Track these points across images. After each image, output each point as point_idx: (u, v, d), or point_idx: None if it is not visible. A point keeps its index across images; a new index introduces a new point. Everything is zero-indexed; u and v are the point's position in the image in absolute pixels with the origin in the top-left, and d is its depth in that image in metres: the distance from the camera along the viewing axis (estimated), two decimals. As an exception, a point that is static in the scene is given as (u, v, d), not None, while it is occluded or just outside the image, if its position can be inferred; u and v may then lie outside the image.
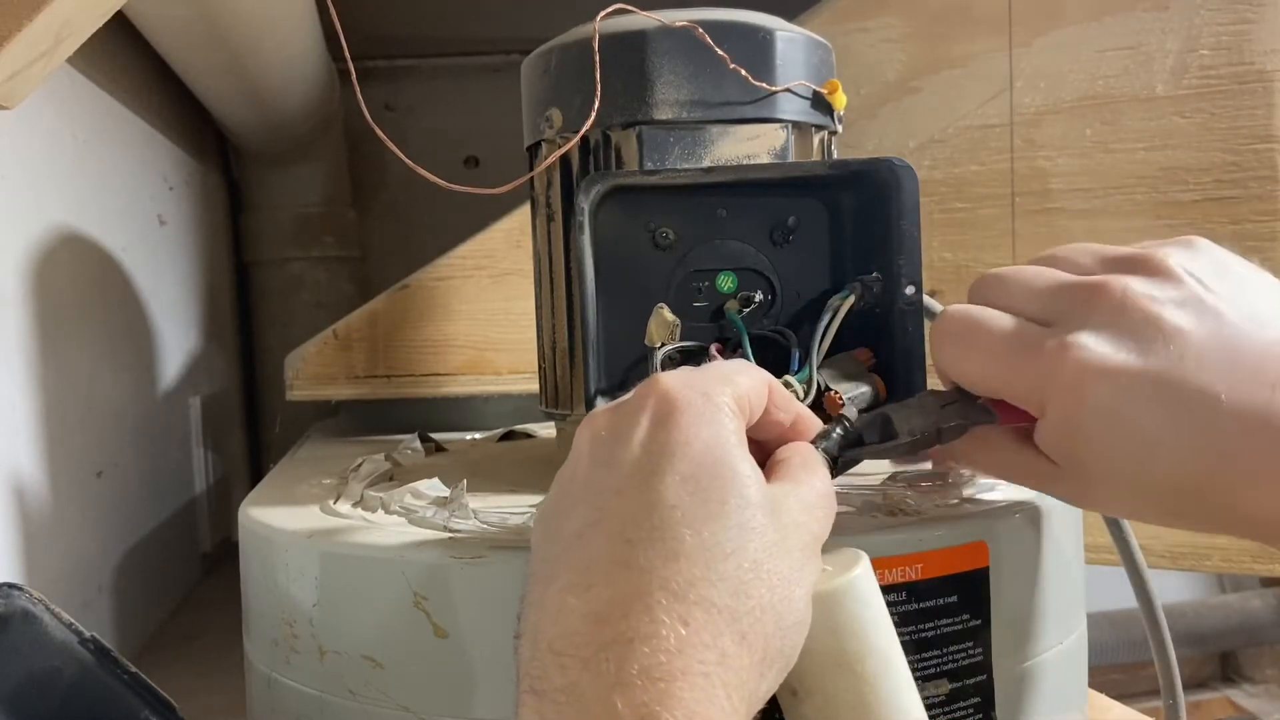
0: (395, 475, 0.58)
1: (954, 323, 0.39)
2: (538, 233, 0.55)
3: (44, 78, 0.49)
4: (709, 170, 0.47)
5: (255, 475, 1.27)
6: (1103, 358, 0.35)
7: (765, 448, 0.37)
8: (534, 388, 0.57)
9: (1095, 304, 0.36)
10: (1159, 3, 0.75)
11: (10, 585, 0.40)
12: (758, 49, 0.49)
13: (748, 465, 0.32)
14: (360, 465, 0.58)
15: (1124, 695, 0.74)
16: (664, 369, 0.45)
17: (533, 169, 0.53)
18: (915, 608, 0.41)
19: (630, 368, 0.47)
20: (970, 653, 0.42)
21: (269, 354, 1.28)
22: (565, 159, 0.51)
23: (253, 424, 1.32)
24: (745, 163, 0.49)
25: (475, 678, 0.40)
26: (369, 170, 1.38)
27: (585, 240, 0.44)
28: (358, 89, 0.51)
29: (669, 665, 0.28)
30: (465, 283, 0.79)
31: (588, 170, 0.51)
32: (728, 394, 0.34)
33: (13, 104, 0.49)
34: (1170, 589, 1.75)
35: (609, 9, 0.49)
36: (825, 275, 0.48)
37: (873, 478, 0.50)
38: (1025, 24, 0.77)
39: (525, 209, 0.63)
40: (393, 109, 1.40)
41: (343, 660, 0.43)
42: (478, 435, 0.75)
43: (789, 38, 0.50)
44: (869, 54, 0.78)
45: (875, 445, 0.39)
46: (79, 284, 0.77)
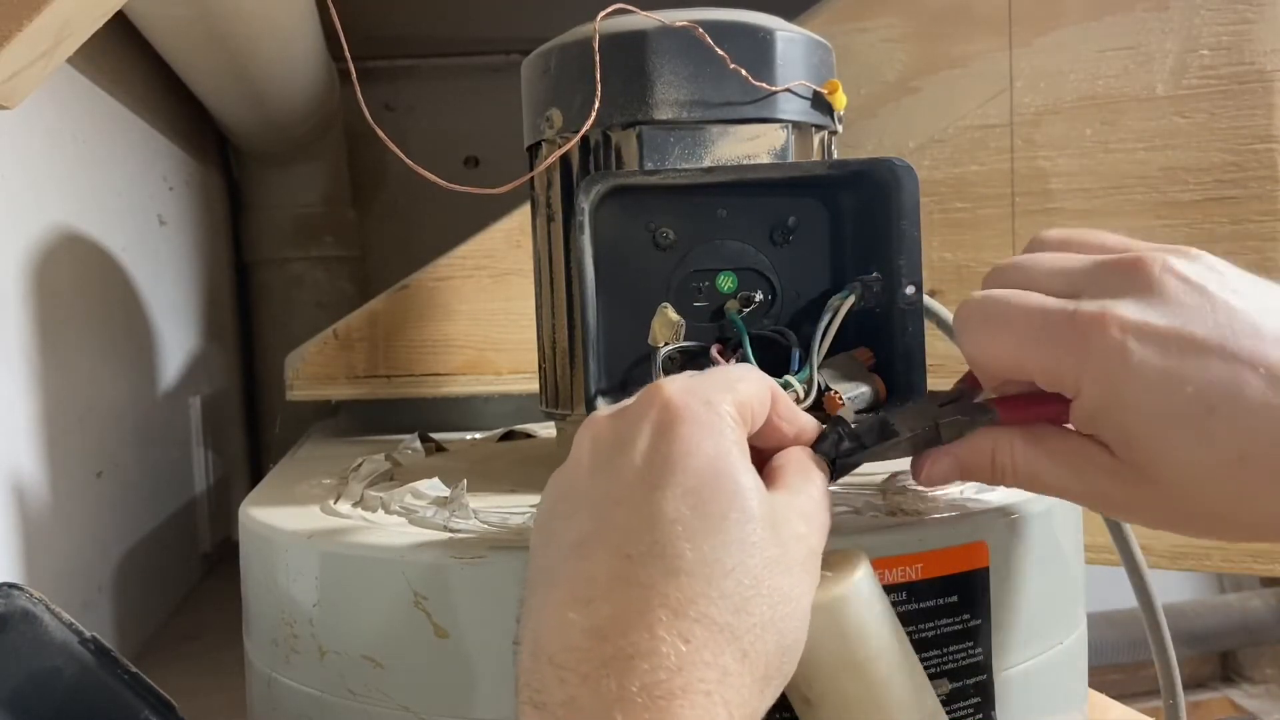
0: (395, 475, 0.58)
1: (979, 306, 0.37)
2: (538, 233, 0.55)
3: (44, 78, 0.49)
4: (709, 170, 0.47)
5: (255, 475, 1.27)
6: (1144, 319, 0.33)
7: (765, 453, 0.37)
8: (534, 388, 0.57)
9: (1134, 276, 0.34)
10: (1159, 3, 0.75)
11: (10, 585, 0.40)
12: (758, 49, 0.49)
13: (749, 478, 0.32)
14: (360, 465, 0.58)
15: (1124, 695, 0.75)
16: (665, 369, 0.45)
17: (533, 169, 0.53)
18: (915, 608, 0.41)
19: (630, 368, 0.47)
20: (970, 653, 0.42)
21: (269, 354, 1.28)
22: (565, 159, 0.51)
23: (253, 424, 1.32)
24: (745, 163, 0.49)
25: (475, 678, 0.40)
26: (369, 170, 1.38)
27: (585, 240, 0.44)
28: (358, 89, 0.51)
29: (670, 683, 0.28)
30: (465, 283, 0.79)
31: (588, 170, 0.51)
32: (730, 402, 0.34)
33: (13, 104, 0.49)
34: (1170, 589, 1.75)
35: (609, 9, 0.49)
36: (825, 275, 0.48)
37: (873, 478, 0.50)
38: (1025, 24, 0.77)
39: (525, 209, 0.63)
40: (393, 109, 1.40)
41: (343, 660, 0.43)
42: (478, 435, 0.75)
43: (789, 38, 0.50)
44: (869, 54, 0.78)
45: (874, 446, 0.38)
46: (79, 284, 0.77)
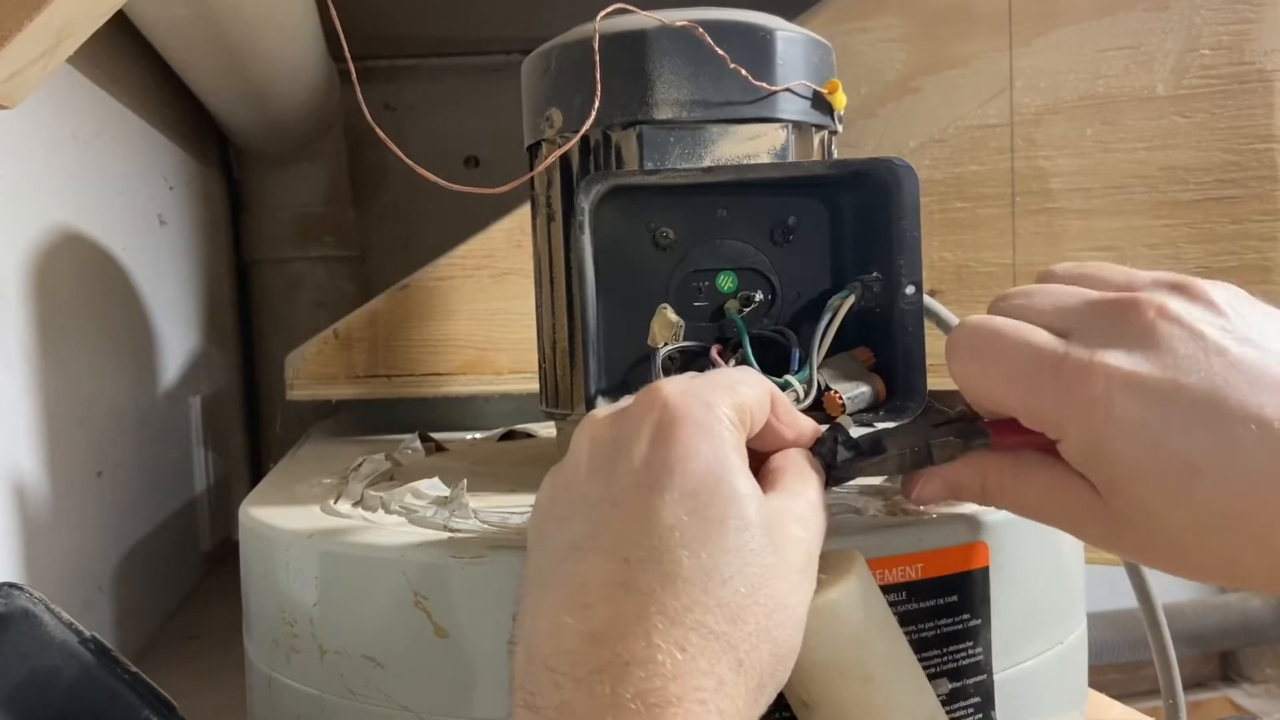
0: (395, 475, 0.58)
1: (970, 334, 0.36)
2: (538, 233, 0.55)
3: (44, 78, 0.49)
4: (709, 170, 0.47)
5: (255, 475, 1.27)
6: (1133, 370, 0.32)
7: (762, 454, 0.37)
8: (534, 388, 0.57)
9: (1126, 319, 0.33)
10: (1159, 3, 0.75)
11: (10, 585, 0.40)
12: (758, 49, 0.49)
13: (747, 483, 0.32)
14: (360, 465, 0.58)
15: (1124, 695, 0.74)
16: (664, 370, 0.45)
17: (533, 169, 0.53)
18: (915, 608, 0.41)
19: (630, 368, 0.47)
20: (970, 653, 0.42)
21: (269, 354, 1.28)
22: (565, 159, 0.51)
23: (253, 424, 1.32)
24: (745, 163, 0.49)
25: (475, 678, 0.40)
26: (369, 170, 1.38)
27: (585, 240, 0.44)
28: (358, 89, 0.51)
29: (665, 690, 0.28)
30: (465, 282, 0.79)
31: (588, 170, 0.51)
32: (730, 405, 0.34)
33: (13, 104, 0.49)
34: (1170, 589, 1.75)
35: (609, 9, 0.49)
36: (825, 275, 0.48)
37: (872, 479, 0.50)
38: (1025, 24, 0.77)
39: (525, 209, 0.63)
40: (393, 109, 1.40)
41: (343, 660, 0.43)
42: (478, 435, 0.75)
43: (789, 38, 0.50)
44: (869, 54, 0.78)
45: (867, 459, 0.38)
46: (79, 284, 0.77)
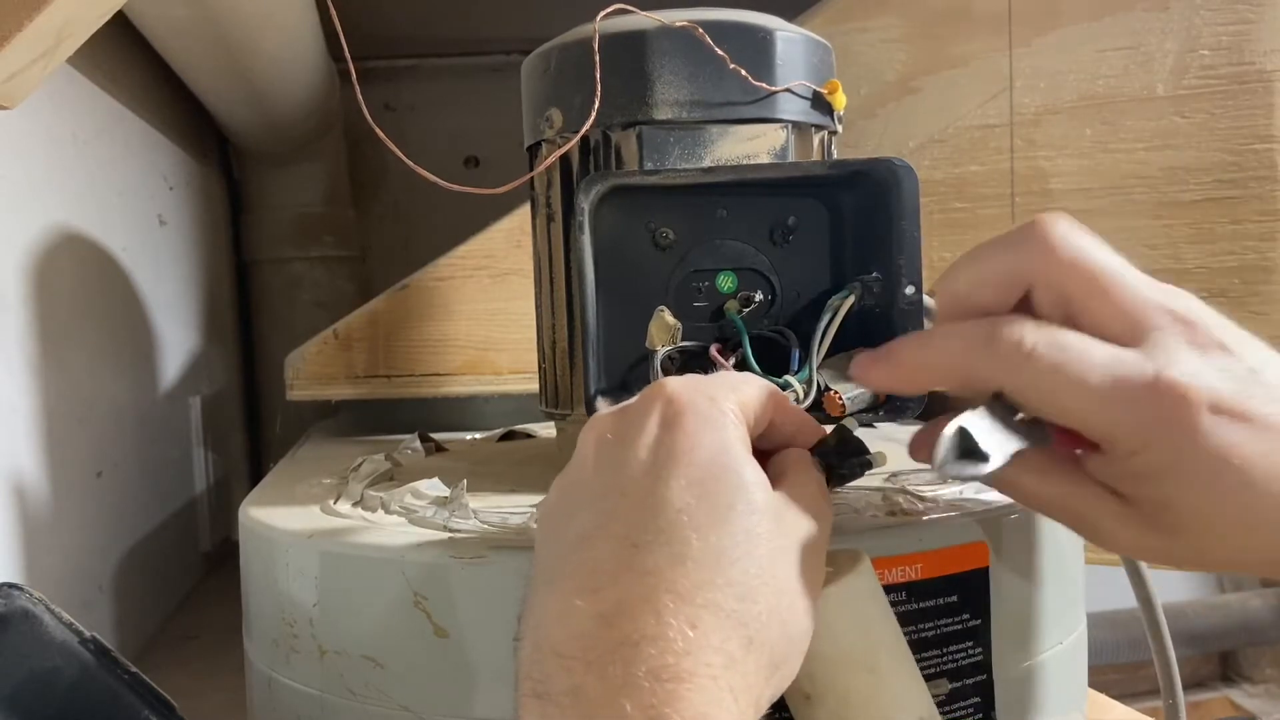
0: (395, 475, 0.58)
1: (1053, 343, 0.34)
2: (538, 233, 0.55)
3: (44, 78, 0.49)
4: (709, 170, 0.47)
5: (255, 475, 1.27)
6: (1219, 392, 0.32)
7: (766, 455, 0.37)
8: (534, 388, 0.57)
9: (1193, 332, 0.33)
10: (1159, 3, 0.75)
11: (10, 585, 0.40)
12: (758, 49, 0.49)
13: (753, 471, 0.32)
14: (360, 465, 0.58)
15: (1124, 695, 0.74)
16: (664, 370, 0.45)
17: (533, 169, 0.53)
18: (915, 608, 0.41)
19: (630, 368, 0.47)
20: (970, 653, 0.42)
21: (269, 354, 1.28)
22: (565, 159, 0.51)
23: (253, 424, 1.32)
24: (745, 163, 0.49)
25: (475, 678, 0.40)
26: (369, 170, 1.38)
27: (585, 240, 0.44)
28: (358, 89, 0.51)
29: (677, 666, 0.28)
30: (465, 283, 0.79)
31: (588, 170, 0.51)
32: (733, 400, 0.34)
33: (13, 104, 0.49)
34: (1170, 589, 1.75)
35: (609, 9, 0.49)
36: (825, 275, 0.48)
37: (873, 478, 0.50)
38: (1025, 24, 0.77)
39: (525, 209, 0.63)
40: (393, 109, 1.40)
41: (343, 660, 0.43)
42: (478, 435, 0.75)
43: (789, 38, 0.50)
44: (869, 54, 0.78)
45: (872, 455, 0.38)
46: (79, 284, 0.77)
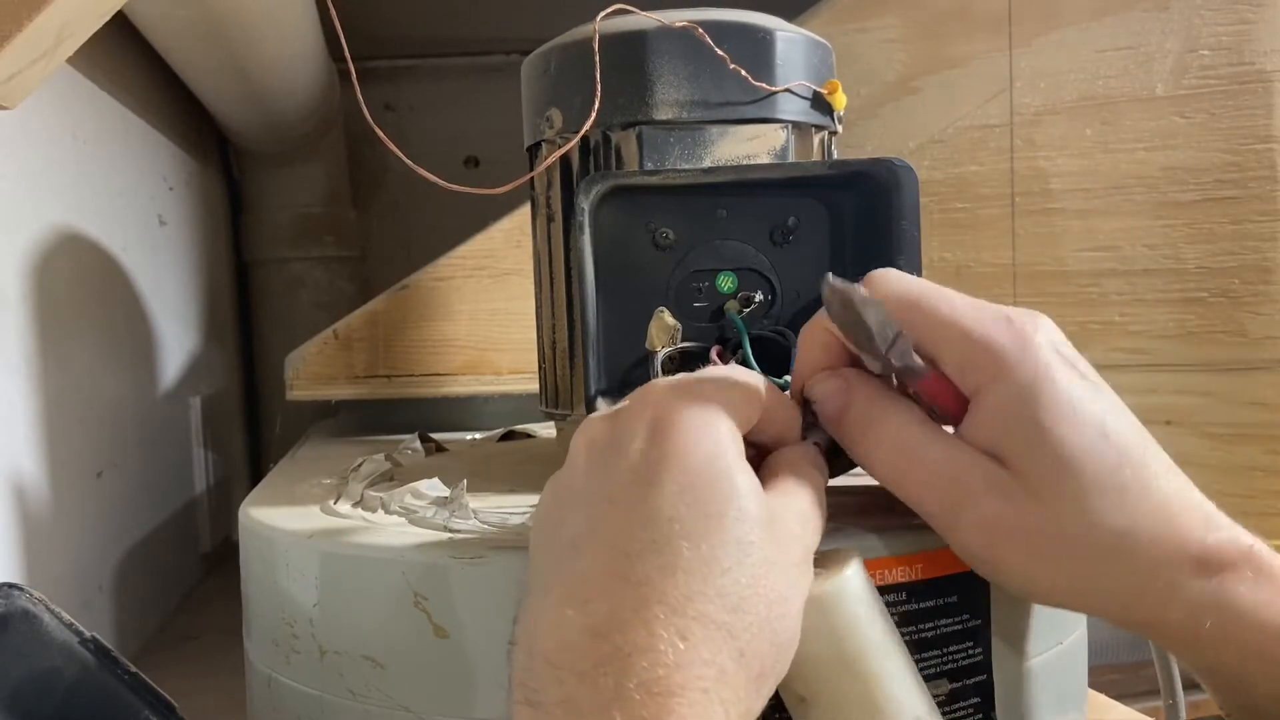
0: (395, 475, 0.58)
1: (912, 280, 0.37)
2: (538, 233, 0.55)
3: (44, 78, 0.49)
4: (709, 170, 0.47)
5: (255, 475, 1.27)
6: (1060, 345, 0.35)
7: (760, 449, 0.37)
8: (534, 388, 0.57)
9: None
10: (1159, 3, 0.75)
11: (10, 585, 0.40)
12: (758, 49, 0.49)
13: (745, 477, 0.32)
14: (360, 465, 0.58)
15: (1124, 695, 0.74)
16: (664, 370, 0.45)
17: (533, 169, 0.53)
18: (915, 608, 0.41)
19: (630, 368, 0.47)
20: (970, 653, 0.42)
21: (269, 354, 1.28)
22: (565, 159, 0.51)
23: (253, 424, 1.32)
24: (745, 163, 0.49)
25: (475, 678, 0.40)
26: (369, 170, 1.38)
27: (585, 240, 0.44)
28: (358, 89, 0.51)
29: (668, 679, 0.28)
30: (465, 283, 0.79)
31: (588, 170, 0.51)
32: (725, 401, 0.34)
33: (13, 104, 0.49)
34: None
35: (609, 9, 0.49)
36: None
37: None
38: (1025, 24, 0.77)
39: (525, 209, 0.63)
40: (393, 109, 1.40)
41: (343, 660, 0.43)
42: (478, 435, 0.75)
43: (789, 38, 0.50)
44: (869, 54, 0.78)
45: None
46: (79, 284, 0.77)
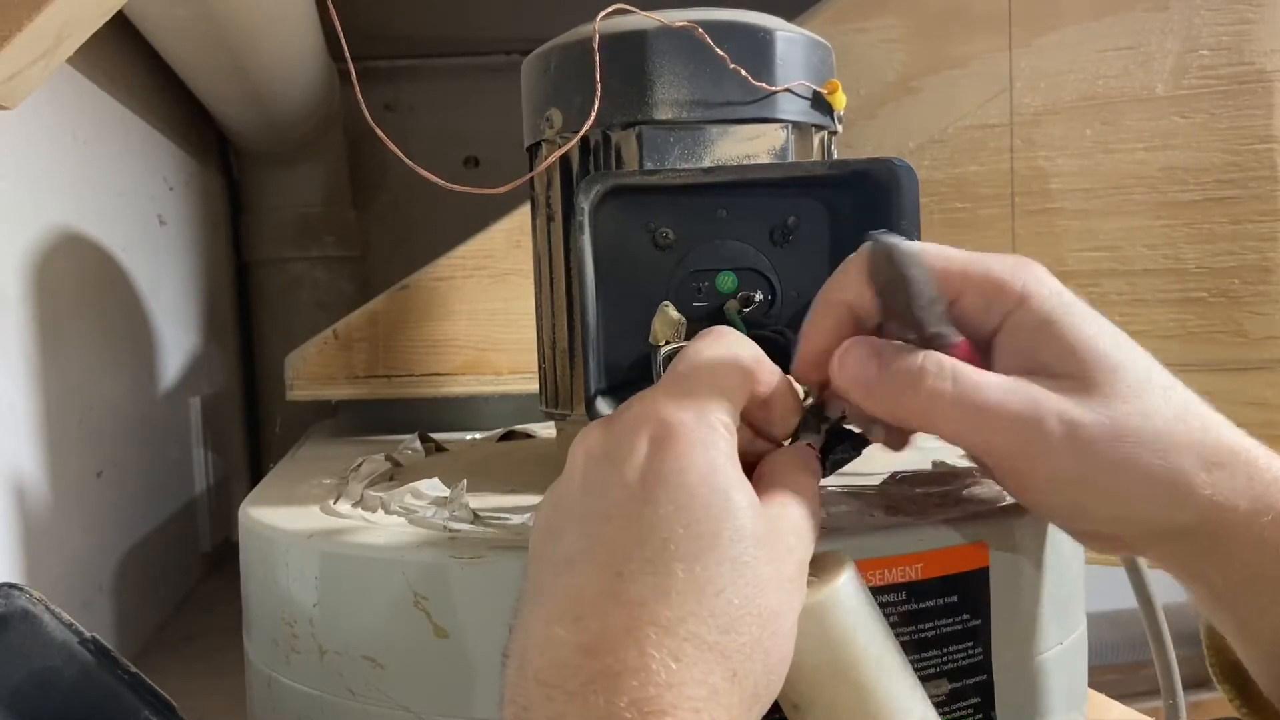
0: (395, 475, 0.58)
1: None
2: (538, 233, 0.55)
3: (44, 78, 0.49)
4: (709, 170, 0.47)
5: (255, 475, 1.27)
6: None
7: (755, 431, 0.37)
8: (534, 388, 0.57)
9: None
10: (1159, 3, 0.75)
11: (10, 585, 0.40)
12: (758, 49, 0.49)
13: (742, 494, 0.32)
14: (360, 465, 0.58)
15: (1124, 695, 0.74)
16: (665, 369, 0.45)
17: (533, 169, 0.53)
18: (915, 608, 0.41)
19: (630, 368, 0.47)
20: (970, 653, 0.42)
21: (269, 354, 1.28)
22: (565, 159, 0.51)
23: (253, 424, 1.32)
24: (745, 163, 0.49)
25: (475, 678, 0.40)
26: (369, 170, 1.38)
27: (585, 240, 0.44)
28: (358, 89, 0.51)
29: (659, 699, 0.28)
30: (465, 283, 0.79)
31: (588, 170, 0.51)
32: (724, 410, 0.33)
33: (13, 104, 0.49)
34: (1170, 589, 1.75)
35: (609, 9, 0.49)
36: (825, 275, 0.48)
37: (872, 478, 0.50)
38: (1025, 24, 0.77)
39: (525, 209, 0.63)
40: (393, 109, 1.40)
41: (343, 660, 0.43)
42: (478, 435, 0.75)
43: (789, 38, 0.50)
44: (869, 54, 0.78)
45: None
46: (79, 284, 0.77)
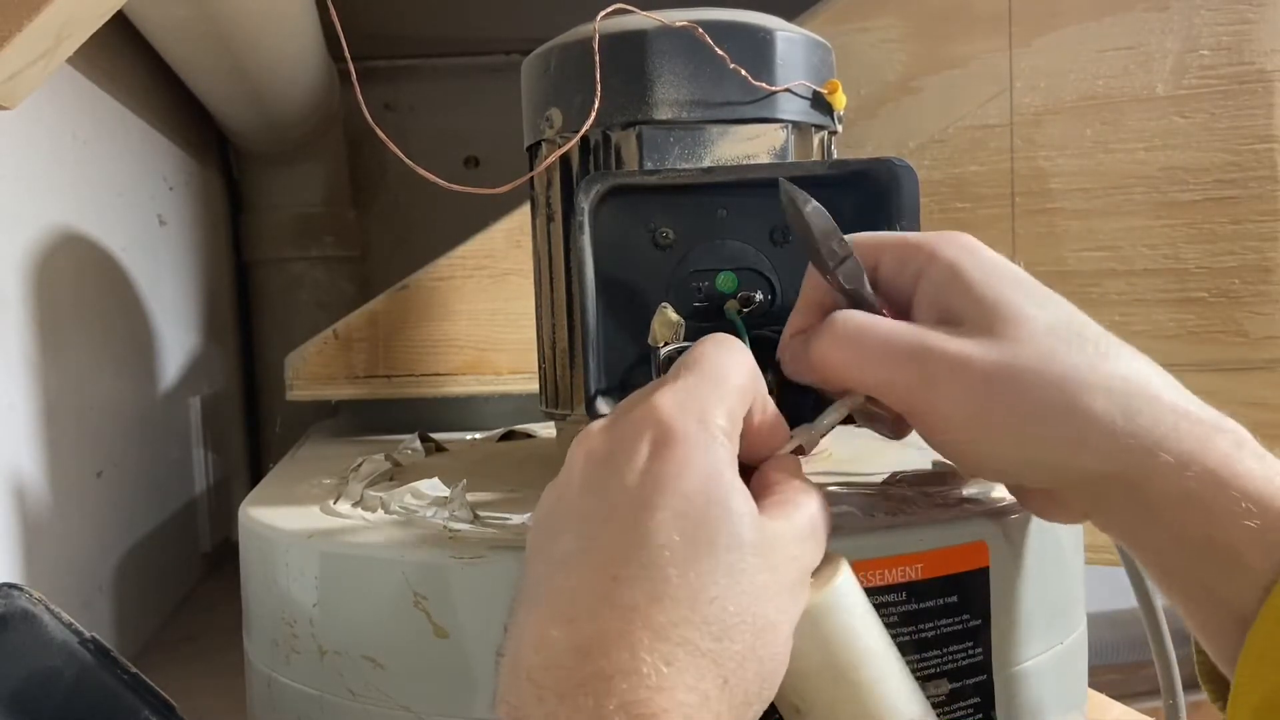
0: (395, 475, 0.58)
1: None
2: (538, 233, 0.55)
3: (44, 78, 0.49)
4: (709, 170, 0.47)
5: (255, 475, 1.27)
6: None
7: (750, 449, 0.36)
8: (534, 388, 0.57)
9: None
10: (1159, 3, 0.75)
11: (10, 585, 0.40)
12: (758, 49, 0.49)
13: (741, 501, 0.32)
14: (360, 465, 0.58)
15: (1124, 695, 0.74)
16: (665, 369, 0.45)
17: (533, 169, 0.53)
18: (915, 608, 0.41)
19: (630, 368, 0.47)
20: (970, 653, 0.42)
21: (269, 354, 1.28)
22: (565, 159, 0.51)
23: (253, 424, 1.32)
24: (745, 163, 0.49)
25: (475, 678, 0.40)
26: (369, 170, 1.38)
27: (585, 240, 0.44)
28: (358, 89, 0.51)
29: (650, 702, 0.28)
30: (465, 283, 0.79)
31: (588, 170, 0.51)
32: (724, 415, 0.33)
33: (13, 104, 0.49)
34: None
35: (609, 9, 0.49)
36: (825, 275, 0.48)
37: (873, 478, 0.50)
38: (1025, 24, 0.77)
39: (525, 209, 0.63)
40: (393, 109, 1.40)
41: (343, 660, 0.43)
42: (478, 435, 0.75)
43: (789, 38, 0.50)
44: (869, 54, 0.78)
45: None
46: (79, 284, 0.77)
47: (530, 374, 0.74)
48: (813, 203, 0.39)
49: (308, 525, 0.47)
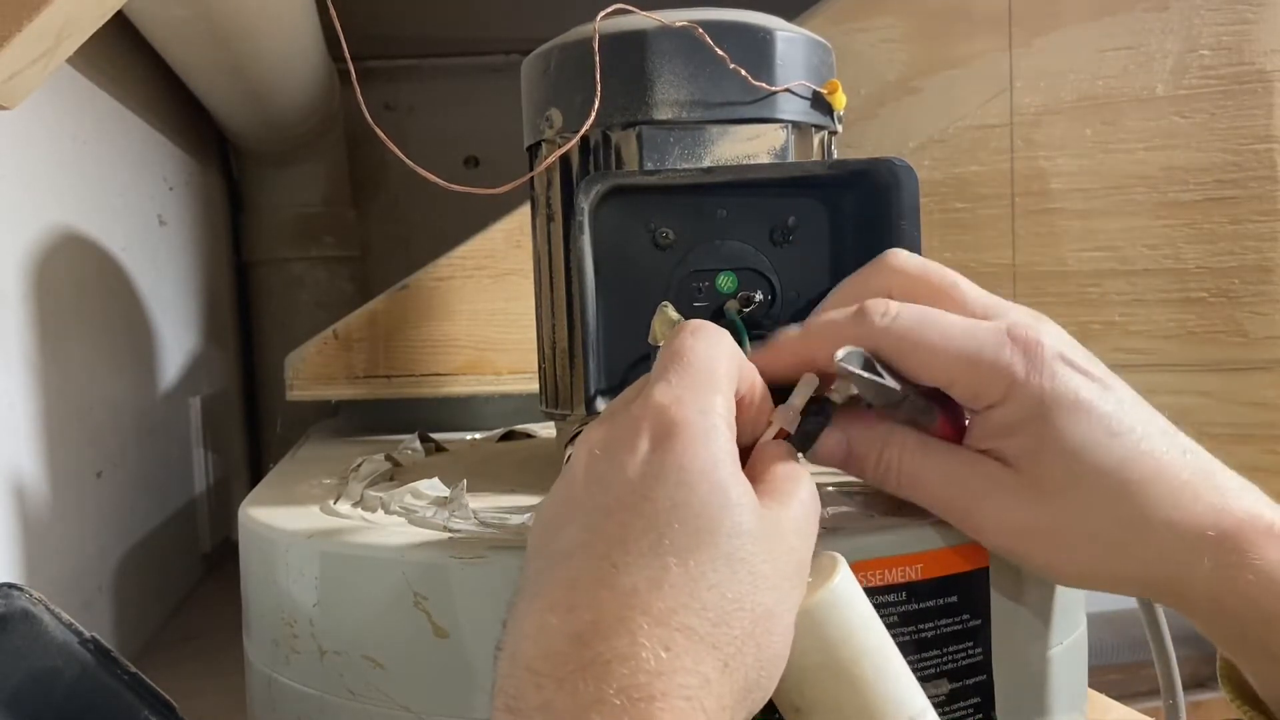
0: (395, 475, 0.58)
1: (915, 315, 0.38)
2: (538, 233, 0.55)
3: (44, 78, 0.49)
4: (709, 170, 0.47)
5: (255, 475, 1.27)
6: (1065, 349, 0.37)
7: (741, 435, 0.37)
8: (534, 388, 0.57)
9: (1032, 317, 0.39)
10: (1159, 3, 0.75)
11: (10, 585, 0.40)
12: (758, 49, 0.49)
13: (741, 490, 0.32)
14: (360, 465, 0.58)
15: (1124, 695, 0.74)
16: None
17: (533, 169, 0.53)
18: (915, 608, 0.41)
19: (630, 368, 0.47)
20: (970, 653, 0.42)
21: (269, 354, 1.28)
22: (565, 159, 0.51)
23: (253, 424, 1.32)
24: (745, 163, 0.49)
25: (475, 678, 0.40)
26: (369, 170, 1.38)
27: (585, 240, 0.44)
28: (358, 89, 0.51)
29: (650, 686, 0.28)
30: (465, 283, 0.79)
31: (588, 170, 0.51)
32: (724, 406, 0.34)
33: (13, 104, 0.49)
34: (1170, 589, 1.74)
35: (609, 9, 0.49)
36: (825, 275, 0.48)
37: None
38: (1025, 24, 0.77)
39: (525, 209, 0.63)
40: (393, 109, 1.40)
41: (343, 660, 0.43)
42: (478, 435, 0.75)
43: (789, 38, 0.50)
44: (869, 54, 0.78)
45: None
46: (79, 284, 0.77)
47: (530, 374, 0.74)
48: (867, 380, 0.37)
49: (308, 525, 0.47)
